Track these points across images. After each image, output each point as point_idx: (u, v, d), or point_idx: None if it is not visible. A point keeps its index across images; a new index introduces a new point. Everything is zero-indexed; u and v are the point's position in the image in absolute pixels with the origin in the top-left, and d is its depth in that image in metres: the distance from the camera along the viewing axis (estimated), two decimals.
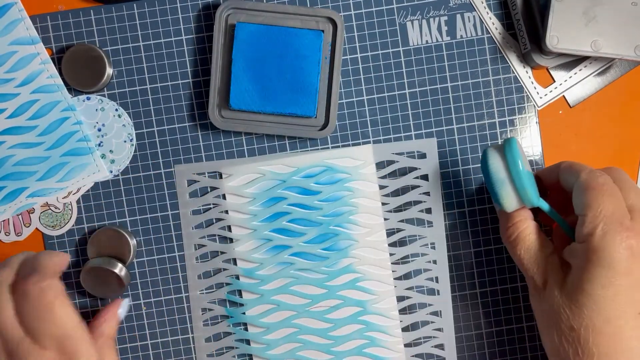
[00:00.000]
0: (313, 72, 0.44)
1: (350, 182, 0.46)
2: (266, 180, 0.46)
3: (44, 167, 0.46)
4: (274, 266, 0.46)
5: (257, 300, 0.46)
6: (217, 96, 0.45)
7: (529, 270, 0.40)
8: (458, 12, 0.46)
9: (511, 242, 0.41)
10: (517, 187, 0.38)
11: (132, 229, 0.47)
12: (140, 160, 0.46)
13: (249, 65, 0.44)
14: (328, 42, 0.44)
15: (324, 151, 0.46)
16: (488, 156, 0.39)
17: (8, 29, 0.45)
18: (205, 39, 0.46)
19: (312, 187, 0.46)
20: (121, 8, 0.46)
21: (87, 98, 0.46)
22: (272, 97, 0.44)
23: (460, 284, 0.47)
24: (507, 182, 0.39)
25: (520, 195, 0.39)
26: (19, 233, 0.47)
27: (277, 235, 0.46)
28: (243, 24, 0.44)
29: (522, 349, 0.47)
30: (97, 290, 0.45)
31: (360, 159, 0.46)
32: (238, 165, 0.46)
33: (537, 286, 0.40)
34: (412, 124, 0.47)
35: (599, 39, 0.42)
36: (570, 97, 0.47)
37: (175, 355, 0.47)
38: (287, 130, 0.45)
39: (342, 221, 0.46)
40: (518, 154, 0.38)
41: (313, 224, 0.46)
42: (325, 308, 0.46)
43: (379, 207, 0.46)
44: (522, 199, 0.39)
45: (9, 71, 0.45)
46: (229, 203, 0.46)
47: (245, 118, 0.45)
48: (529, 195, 0.38)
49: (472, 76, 0.46)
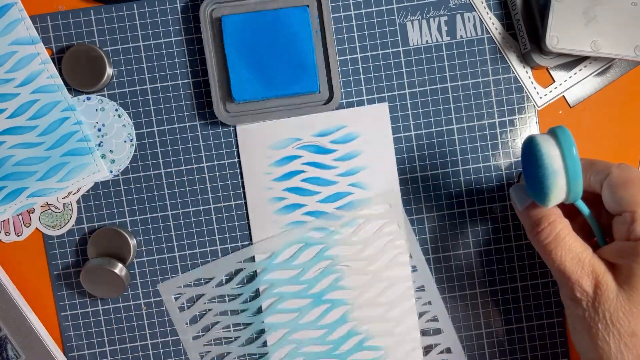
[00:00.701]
0: (307, 47, 0.44)
1: (366, 139, 0.46)
2: (281, 139, 0.46)
3: (44, 167, 0.46)
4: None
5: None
6: (219, 93, 0.45)
7: (574, 274, 0.36)
8: (458, 12, 0.46)
9: (547, 244, 0.37)
10: (570, 179, 0.35)
11: (132, 229, 0.47)
12: (140, 160, 0.46)
13: (243, 55, 0.44)
14: (315, 15, 0.44)
15: (339, 110, 0.46)
16: (540, 144, 0.36)
17: (8, 29, 0.45)
18: (202, 38, 0.46)
19: (327, 145, 0.46)
20: (121, 8, 0.46)
21: (87, 98, 0.46)
22: (273, 82, 0.44)
23: (460, 284, 0.47)
24: (562, 173, 0.35)
25: (570, 189, 0.35)
26: (19, 233, 0.47)
27: (291, 194, 0.46)
28: (228, 16, 0.44)
29: (522, 349, 0.47)
30: (97, 290, 0.45)
31: (376, 116, 0.46)
32: (254, 123, 0.45)
33: (585, 291, 0.36)
34: (412, 124, 0.46)
35: (598, 39, 0.42)
36: (570, 97, 0.47)
37: (175, 355, 0.47)
38: (294, 112, 0.45)
39: (357, 179, 0.46)
40: (573, 142, 0.35)
41: (328, 182, 0.46)
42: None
43: (393, 163, 0.46)
44: (571, 192, 0.35)
45: (9, 71, 0.45)
46: (243, 158, 0.46)
47: (250, 109, 0.45)
48: (580, 188, 0.35)
49: (472, 76, 0.46)
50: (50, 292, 0.47)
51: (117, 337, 0.47)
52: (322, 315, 0.46)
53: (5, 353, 0.45)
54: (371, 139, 0.46)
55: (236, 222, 0.47)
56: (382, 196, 0.46)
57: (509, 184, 0.47)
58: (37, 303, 0.47)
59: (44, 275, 0.47)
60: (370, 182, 0.46)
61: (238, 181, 0.47)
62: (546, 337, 0.47)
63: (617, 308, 0.35)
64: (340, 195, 0.46)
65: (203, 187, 0.46)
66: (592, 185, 0.37)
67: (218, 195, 0.46)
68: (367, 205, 0.46)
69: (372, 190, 0.46)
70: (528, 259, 0.47)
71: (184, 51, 0.46)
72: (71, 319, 0.47)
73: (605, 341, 0.35)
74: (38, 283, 0.47)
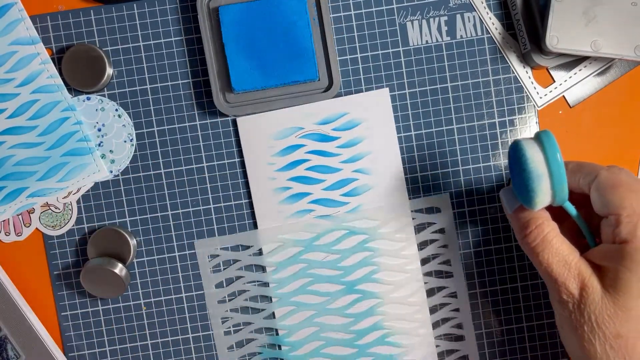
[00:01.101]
0: (305, 35, 0.44)
1: (368, 125, 0.46)
2: (283, 128, 0.46)
3: (44, 167, 0.46)
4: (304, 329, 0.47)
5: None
6: (218, 83, 0.45)
7: (560, 277, 0.37)
8: (458, 12, 0.46)
9: (534, 247, 0.37)
10: (554, 183, 0.35)
11: (132, 229, 0.47)
12: (140, 160, 0.46)
13: (242, 45, 0.44)
14: (312, 2, 0.44)
15: (340, 98, 0.46)
16: (525, 148, 0.36)
17: (8, 29, 0.45)
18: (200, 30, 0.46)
19: (330, 133, 0.46)
20: (121, 8, 0.46)
21: (87, 98, 0.46)
22: (272, 71, 0.44)
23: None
24: (546, 177, 0.35)
25: (555, 192, 0.36)
26: (19, 233, 0.47)
27: (296, 183, 0.46)
28: (226, 7, 0.44)
29: (521, 349, 0.47)
30: (97, 290, 0.45)
31: (377, 102, 0.46)
32: (255, 114, 0.46)
33: (571, 293, 0.37)
34: (412, 124, 0.46)
35: (598, 39, 0.42)
36: (570, 97, 0.47)
37: (175, 356, 0.47)
38: (294, 101, 0.45)
39: (361, 165, 0.46)
40: (557, 146, 0.35)
41: (332, 169, 0.46)
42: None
43: (396, 147, 0.46)
44: (557, 195, 0.36)
45: (9, 71, 0.45)
46: (245, 150, 0.46)
47: (250, 99, 0.45)
48: (566, 192, 0.36)
49: (472, 76, 0.46)
50: (50, 292, 0.47)
51: (117, 337, 0.47)
52: (351, 304, 0.46)
53: (5, 353, 0.45)
54: (373, 124, 0.46)
55: (236, 222, 0.47)
56: (437, 199, 0.46)
57: (509, 184, 0.47)
58: (37, 303, 0.47)
59: (44, 275, 0.47)
60: (375, 167, 0.46)
61: (238, 181, 0.47)
62: (546, 337, 0.47)
63: (603, 310, 0.35)
64: (345, 182, 0.46)
65: (203, 187, 0.46)
66: (582, 187, 0.38)
67: (218, 195, 0.46)
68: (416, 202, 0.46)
69: (376, 175, 0.46)
70: (528, 259, 0.47)
71: (184, 51, 0.46)
72: (71, 319, 0.47)
73: (591, 342, 0.36)
74: (38, 283, 0.47)
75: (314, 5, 0.45)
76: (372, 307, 0.46)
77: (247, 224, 0.47)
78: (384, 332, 0.47)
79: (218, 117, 0.46)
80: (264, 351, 0.47)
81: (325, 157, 0.46)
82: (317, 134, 0.46)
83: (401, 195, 0.46)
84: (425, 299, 0.47)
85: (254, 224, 0.47)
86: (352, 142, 0.46)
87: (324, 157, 0.46)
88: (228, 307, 0.47)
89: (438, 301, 0.47)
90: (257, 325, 0.47)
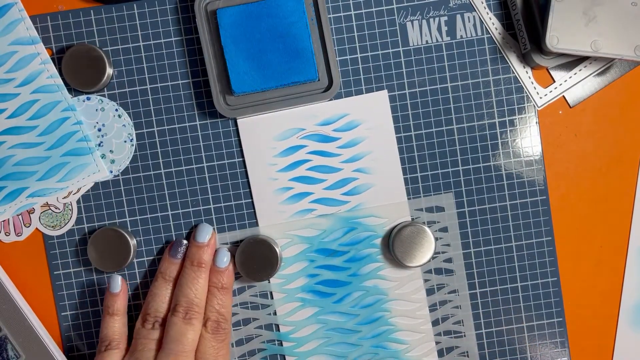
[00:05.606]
0: (304, 36, 0.44)
1: (368, 126, 0.46)
2: (284, 130, 0.46)
3: (44, 167, 0.46)
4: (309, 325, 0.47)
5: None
6: (218, 86, 0.45)
7: None
8: (458, 12, 0.46)
9: None
10: None
11: (132, 229, 0.47)
12: (140, 160, 0.46)
13: (241, 47, 0.44)
14: (310, 3, 0.45)
15: (340, 99, 0.46)
16: None
17: (8, 29, 0.45)
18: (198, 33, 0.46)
19: (331, 133, 0.46)
20: (121, 8, 0.46)
21: (87, 98, 0.46)
22: (272, 72, 0.44)
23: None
24: None
25: None
26: (19, 233, 0.47)
27: (297, 184, 0.46)
28: (223, 9, 0.44)
29: (522, 349, 0.47)
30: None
31: (376, 103, 0.46)
32: (255, 116, 0.46)
33: None
34: (412, 124, 0.47)
35: (599, 39, 0.42)
36: (570, 97, 0.47)
37: None
38: (294, 102, 0.45)
39: (362, 165, 0.46)
40: None
41: (333, 169, 0.46)
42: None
43: (395, 147, 0.47)
44: None
45: (9, 71, 0.45)
46: (246, 151, 0.46)
47: (250, 100, 0.45)
48: None
49: (472, 76, 0.46)
50: (50, 292, 0.47)
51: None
52: (356, 301, 0.47)
53: (5, 353, 0.45)
54: (373, 125, 0.46)
55: (237, 222, 0.47)
56: (442, 198, 0.47)
57: (509, 184, 0.47)
58: (37, 303, 0.47)
59: (44, 275, 0.47)
60: (374, 166, 0.46)
61: (239, 181, 0.47)
62: (546, 337, 0.47)
63: None
64: (345, 182, 0.46)
65: (203, 187, 0.46)
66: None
67: (218, 196, 0.46)
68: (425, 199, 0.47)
69: (376, 174, 0.46)
70: (528, 259, 0.47)
71: (183, 51, 0.46)
72: (71, 319, 0.47)
73: None
74: (38, 283, 0.47)
75: (311, 5, 0.45)
76: (376, 303, 0.47)
77: (248, 224, 0.47)
78: (388, 328, 0.47)
79: (218, 117, 0.46)
80: (269, 347, 0.47)
81: (326, 157, 0.46)
82: (318, 134, 0.46)
83: (400, 194, 0.46)
84: (425, 296, 0.47)
85: (254, 224, 0.47)
86: (352, 143, 0.46)
87: (325, 157, 0.46)
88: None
89: (439, 298, 0.47)
90: (261, 321, 0.47)
